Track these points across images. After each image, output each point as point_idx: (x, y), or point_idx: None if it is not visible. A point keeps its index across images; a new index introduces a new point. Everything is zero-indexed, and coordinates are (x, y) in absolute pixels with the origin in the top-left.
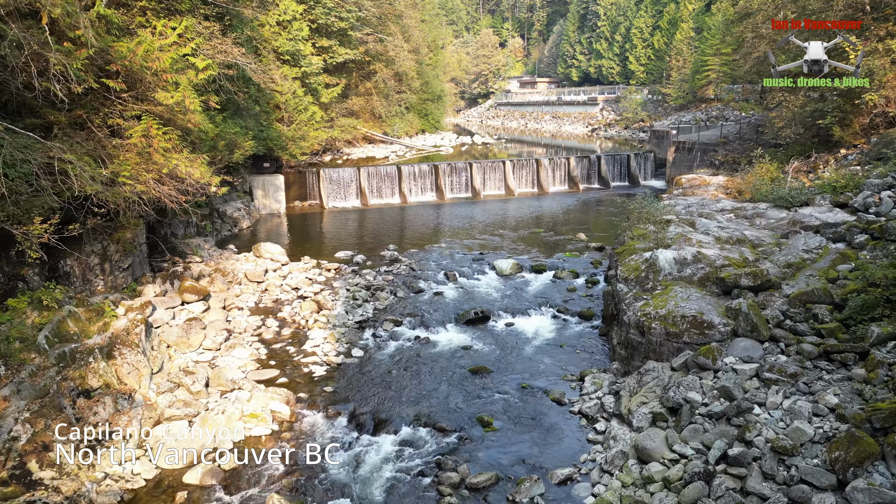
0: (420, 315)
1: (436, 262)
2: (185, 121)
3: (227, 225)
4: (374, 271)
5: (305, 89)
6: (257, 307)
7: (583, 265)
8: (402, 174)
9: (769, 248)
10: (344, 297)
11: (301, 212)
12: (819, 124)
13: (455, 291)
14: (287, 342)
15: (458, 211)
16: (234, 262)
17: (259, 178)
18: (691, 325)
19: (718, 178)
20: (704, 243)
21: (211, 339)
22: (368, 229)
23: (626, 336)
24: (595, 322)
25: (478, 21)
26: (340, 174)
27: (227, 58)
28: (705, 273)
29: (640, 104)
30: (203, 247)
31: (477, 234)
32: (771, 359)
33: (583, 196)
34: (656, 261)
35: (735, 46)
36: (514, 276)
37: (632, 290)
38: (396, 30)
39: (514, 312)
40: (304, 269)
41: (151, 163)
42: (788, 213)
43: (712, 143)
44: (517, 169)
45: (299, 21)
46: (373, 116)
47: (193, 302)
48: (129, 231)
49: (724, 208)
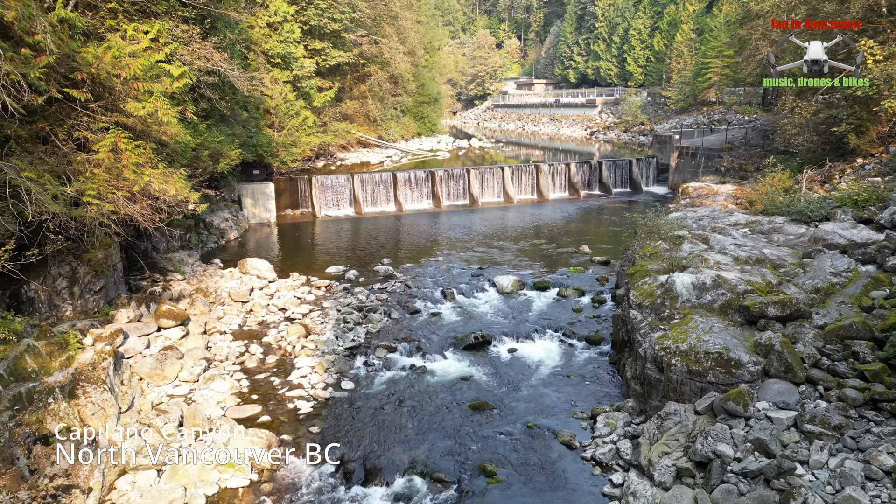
0: (416, 340)
1: (432, 277)
2: (159, 132)
3: (214, 236)
4: (366, 289)
5: (297, 93)
6: (241, 330)
7: (588, 281)
8: (397, 181)
9: (792, 269)
10: (334, 320)
11: (292, 220)
12: (833, 132)
13: (453, 312)
14: (271, 372)
15: (456, 220)
16: (217, 280)
17: (248, 186)
18: (717, 363)
19: (727, 186)
20: (723, 265)
21: (188, 369)
22: (362, 240)
23: (642, 371)
24: (604, 347)
25: (474, 22)
26: (333, 181)
27: (207, 64)
28: (727, 300)
29: (640, 107)
30: (186, 261)
31: (475, 246)
32: (810, 406)
33: (584, 203)
34: (673, 286)
35: (737, 48)
36: (516, 294)
37: (647, 319)
38: (392, 31)
39: (516, 336)
40: (292, 287)
41: (122, 179)
42: (808, 228)
43: (717, 149)
44: (516, 175)
45: (291, 22)
46: (367, 120)
47: (171, 328)
48: (102, 251)
49: (737, 222)
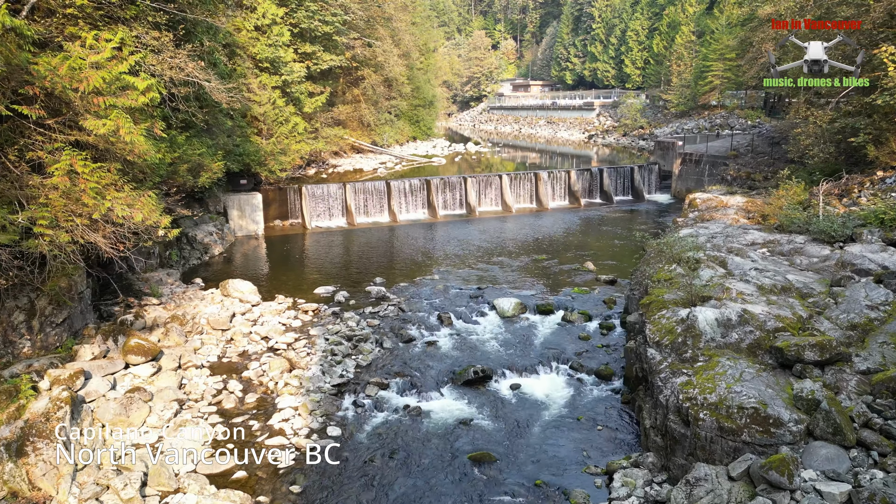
0: (410, 375)
1: (428, 299)
2: (125, 151)
3: (197, 252)
4: (357, 314)
5: (287, 99)
6: (220, 362)
7: (594, 304)
8: (391, 190)
9: (822, 299)
10: (321, 351)
11: (282, 232)
12: (851, 142)
13: (450, 340)
14: (251, 414)
15: (452, 231)
16: (196, 304)
17: (234, 197)
18: (752, 420)
19: (737, 198)
20: (747, 295)
21: (157, 413)
22: (354, 255)
23: (664, 422)
24: (616, 383)
25: (470, 22)
26: (325, 191)
27: (179, 74)
28: (756, 339)
29: (639, 110)
30: (165, 282)
31: (473, 262)
32: (865, 477)
33: (585, 213)
34: (695, 323)
35: (739, 51)
36: (518, 318)
37: (666, 359)
38: (385, 34)
39: (519, 370)
40: (277, 312)
41: (81, 205)
42: (832, 249)
43: (722, 156)
44: (514, 183)
45: (280, 25)
46: (361, 125)
47: (141, 364)
48: (65, 279)
49: (754, 241)
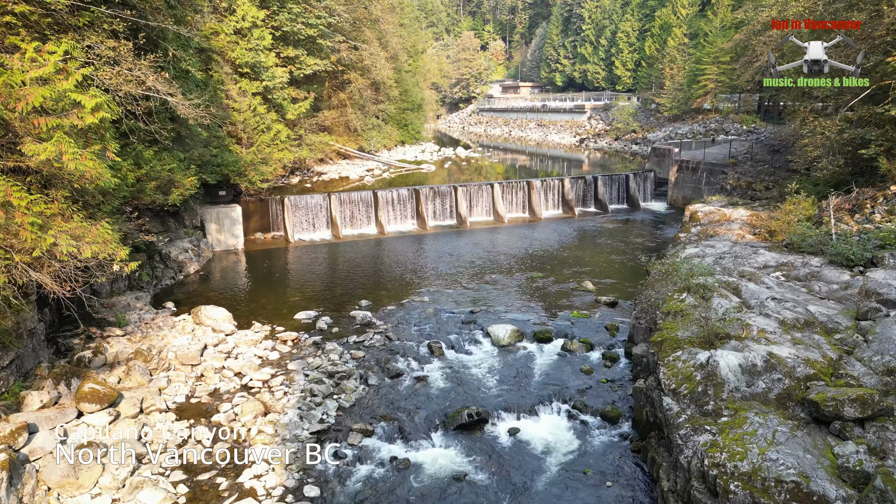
0: (397, 418)
1: (417, 325)
2: (73, 177)
3: (171, 270)
4: (340, 344)
5: (268, 105)
6: (188, 404)
7: (595, 329)
8: (378, 201)
9: (849, 335)
10: (300, 391)
11: (263, 246)
12: (861, 154)
13: (442, 374)
14: (219, 469)
15: (443, 245)
16: (165, 334)
17: (212, 209)
18: (793, 497)
19: (740, 211)
20: (769, 333)
21: (112, 472)
22: (338, 272)
23: (686, 487)
24: (623, 427)
25: (458, 23)
26: (308, 201)
27: (137, 89)
28: (785, 388)
29: (632, 114)
30: (134, 307)
31: (465, 280)
32: None
33: (579, 223)
34: (716, 369)
35: (734, 54)
36: (514, 348)
37: (685, 411)
38: (372, 36)
39: (518, 411)
40: (253, 342)
41: (20, 240)
42: (851, 274)
43: (720, 164)
44: (507, 192)
45: (260, 28)
46: (347, 130)
47: (96, 412)
48: (10, 318)
49: (767, 264)
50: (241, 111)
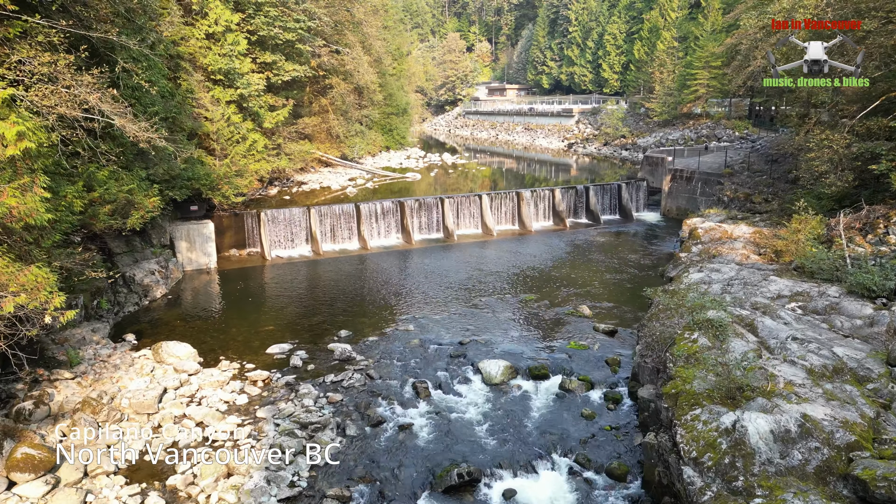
0: (378, 479)
1: (401, 360)
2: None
3: (135, 295)
4: (315, 386)
5: (244, 114)
6: (141, 461)
7: (594, 364)
8: (361, 214)
9: (884, 385)
10: (269, 446)
11: (238, 264)
12: (872, 170)
13: (428, 421)
14: None
15: (429, 262)
16: (121, 376)
17: (183, 226)
18: None
19: (742, 228)
20: (797, 385)
21: None
22: (317, 295)
23: None
24: (632, 487)
25: (444, 24)
26: (286, 215)
27: (74, 112)
28: (825, 459)
29: (621, 119)
30: (90, 341)
31: (453, 304)
32: None
33: (571, 236)
34: (745, 436)
35: (726, 59)
36: (508, 387)
37: (710, 486)
38: (355, 40)
39: (513, 467)
40: (219, 384)
41: None
42: (874, 307)
43: (715, 173)
44: (496, 203)
45: (235, 33)
46: (329, 137)
47: (31, 481)
48: None
49: (780, 293)
50: (214, 121)
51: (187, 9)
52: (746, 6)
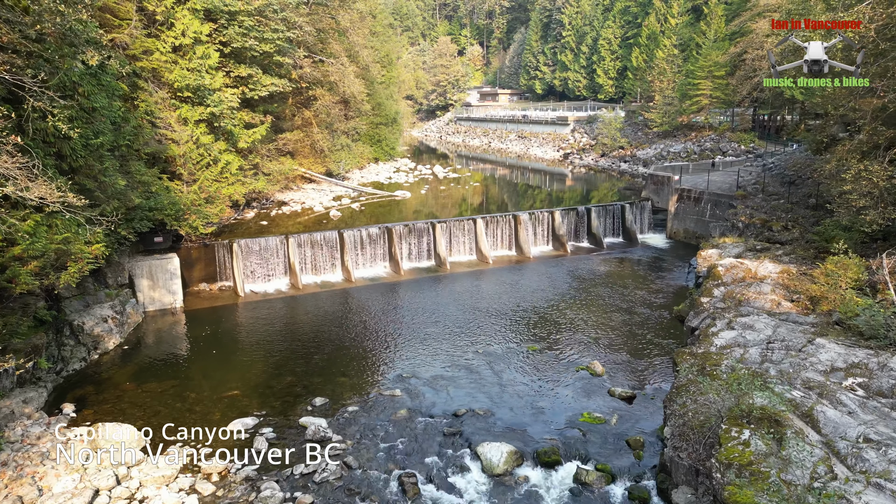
0: None
1: (385, 440)
2: None
3: (83, 348)
4: (282, 481)
5: (215, 134)
6: None
7: (613, 445)
8: (345, 242)
9: None
10: None
11: (208, 301)
12: None
13: None
14: None
15: (420, 298)
16: (46, 472)
17: (144, 262)
18: None
19: (767, 266)
20: None
21: None
22: (292, 348)
23: None
24: None
25: (434, 28)
26: (262, 245)
27: None
28: None
29: (619, 128)
30: (20, 415)
31: (447, 358)
32: None
33: (573, 262)
34: None
35: (729, 68)
36: (513, 479)
37: None
38: (340, 49)
39: None
40: (165, 480)
41: None
42: None
43: (726, 195)
44: (491, 227)
45: (205, 45)
46: (313, 151)
47: None
48: None
49: (833, 365)
50: (181, 143)
51: (151, 19)
52: (752, 14)
